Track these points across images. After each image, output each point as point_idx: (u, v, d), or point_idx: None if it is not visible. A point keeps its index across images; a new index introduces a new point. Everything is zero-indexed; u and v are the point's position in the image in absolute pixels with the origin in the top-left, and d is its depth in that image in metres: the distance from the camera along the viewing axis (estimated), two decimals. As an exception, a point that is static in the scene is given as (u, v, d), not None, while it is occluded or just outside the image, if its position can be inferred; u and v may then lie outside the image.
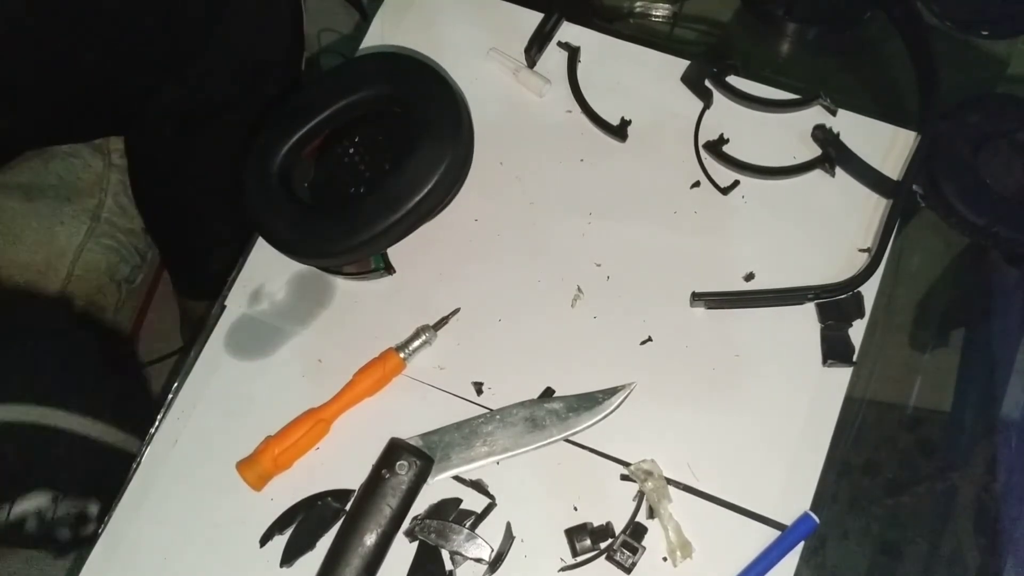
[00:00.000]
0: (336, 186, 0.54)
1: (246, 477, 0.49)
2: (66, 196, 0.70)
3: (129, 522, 0.50)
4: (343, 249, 0.51)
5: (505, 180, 0.56)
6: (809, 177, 0.56)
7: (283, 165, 0.52)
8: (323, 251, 0.51)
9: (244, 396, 0.52)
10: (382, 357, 0.51)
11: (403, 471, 0.48)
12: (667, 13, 0.63)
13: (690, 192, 0.56)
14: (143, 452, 0.52)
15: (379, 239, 0.51)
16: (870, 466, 0.52)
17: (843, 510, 0.50)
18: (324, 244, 0.51)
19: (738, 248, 0.54)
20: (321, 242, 0.51)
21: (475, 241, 0.55)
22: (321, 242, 0.51)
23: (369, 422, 0.51)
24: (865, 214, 0.55)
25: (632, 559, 0.48)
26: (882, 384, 0.52)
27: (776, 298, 0.52)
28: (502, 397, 0.51)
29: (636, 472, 0.49)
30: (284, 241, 0.52)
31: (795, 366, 0.51)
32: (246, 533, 0.49)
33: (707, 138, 0.57)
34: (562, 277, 0.54)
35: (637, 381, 0.51)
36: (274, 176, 0.52)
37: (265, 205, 0.52)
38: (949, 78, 0.56)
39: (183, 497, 0.51)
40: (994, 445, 0.52)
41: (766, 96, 0.57)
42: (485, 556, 0.48)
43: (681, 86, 0.58)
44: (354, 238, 0.50)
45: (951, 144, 0.55)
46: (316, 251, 0.52)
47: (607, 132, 0.57)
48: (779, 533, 0.48)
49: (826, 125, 0.56)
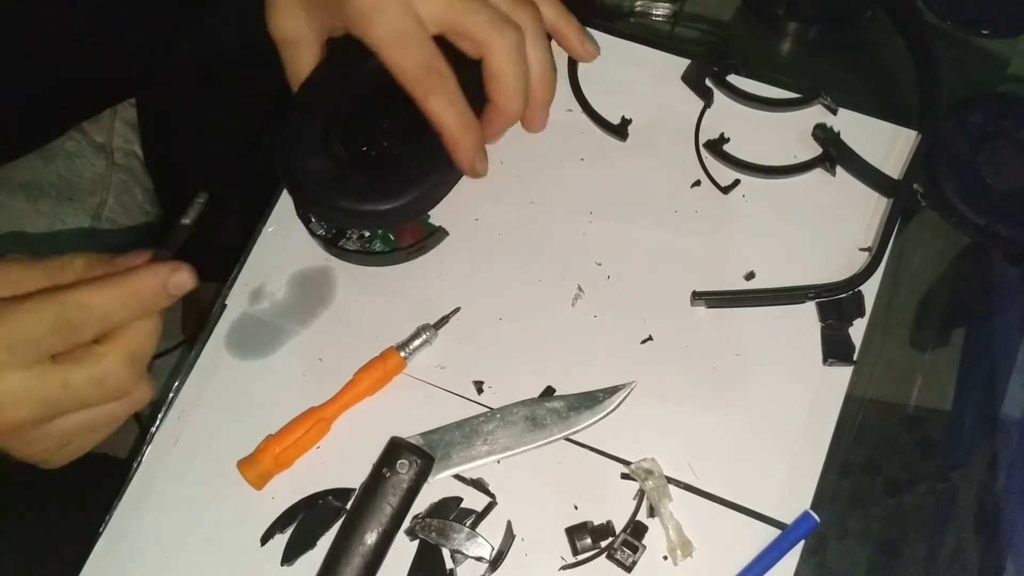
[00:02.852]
0: (376, 149, 0.53)
1: (247, 476, 0.49)
2: (67, 195, 0.70)
3: (130, 521, 0.50)
4: (415, 199, 0.50)
5: (505, 179, 0.56)
6: (810, 176, 0.56)
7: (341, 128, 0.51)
8: (402, 208, 0.51)
9: (245, 395, 0.52)
10: (383, 356, 0.51)
11: (404, 470, 0.48)
12: (668, 12, 0.63)
13: (691, 191, 0.56)
14: (143, 451, 0.52)
15: (441, 181, 0.51)
16: (870, 465, 0.52)
17: (843, 509, 0.50)
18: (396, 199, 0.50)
19: (738, 247, 0.54)
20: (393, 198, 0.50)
21: (475, 240, 0.55)
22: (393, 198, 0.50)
23: (370, 421, 0.51)
24: (866, 213, 0.55)
25: (633, 558, 0.48)
26: (882, 383, 0.52)
27: (776, 297, 0.52)
28: (503, 396, 0.51)
29: (637, 471, 0.49)
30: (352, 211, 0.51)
31: (795, 365, 0.51)
32: (247, 532, 0.49)
33: (708, 137, 0.57)
34: (563, 276, 0.54)
35: (638, 380, 0.51)
36: (329, 141, 0.51)
37: (325, 176, 0.50)
38: (950, 77, 0.56)
39: (184, 496, 0.51)
40: (995, 444, 0.52)
41: (767, 95, 0.57)
42: (486, 555, 0.48)
43: (682, 85, 0.58)
44: (421, 185, 0.50)
45: (952, 143, 0.55)
46: (391, 210, 0.51)
47: (607, 131, 0.57)
48: (779, 532, 0.48)
49: (827, 124, 0.56)
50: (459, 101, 0.49)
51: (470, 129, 0.49)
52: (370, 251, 0.54)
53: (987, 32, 0.61)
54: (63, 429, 0.42)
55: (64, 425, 0.41)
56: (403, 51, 0.48)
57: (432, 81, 0.48)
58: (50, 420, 0.41)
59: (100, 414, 0.42)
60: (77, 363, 0.40)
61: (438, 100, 0.48)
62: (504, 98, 0.50)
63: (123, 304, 0.40)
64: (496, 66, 0.49)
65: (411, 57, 0.48)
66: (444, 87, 0.48)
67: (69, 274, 0.41)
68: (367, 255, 0.54)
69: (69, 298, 0.39)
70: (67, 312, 0.39)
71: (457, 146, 0.49)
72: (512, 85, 0.50)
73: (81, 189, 0.70)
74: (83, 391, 0.40)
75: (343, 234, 0.54)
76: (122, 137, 0.74)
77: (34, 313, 0.38)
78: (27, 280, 0.41)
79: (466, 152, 0.50)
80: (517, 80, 0.50)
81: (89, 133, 0.73)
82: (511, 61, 0.49)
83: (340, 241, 0.54)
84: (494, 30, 0.48)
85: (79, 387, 0.40)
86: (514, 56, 0.49)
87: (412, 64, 0.48)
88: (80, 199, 0.70)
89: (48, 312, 0.39)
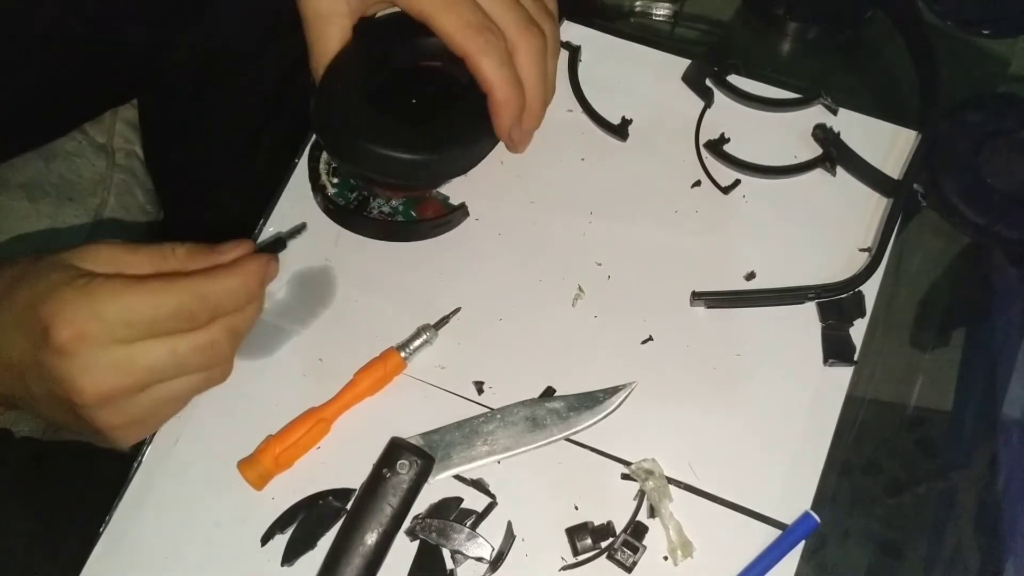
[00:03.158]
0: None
1: (247, 476, 0.49)
2: (68, 195, 0.70)
3: (130, 521, 0.50)
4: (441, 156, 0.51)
5: (506, 179, 0.56)
6: (810, 176, 0.56)
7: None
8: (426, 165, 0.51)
9: (245, 395, 0.52)
10: (383, 356, 0.51)
11: (404, 470, 0.48)
12: (668, 12, 0.63)
13: (691, 191, 0.56)
14: (144, 451, 0.52)
15: (479, 144, 0.52)
16: (871, 465, 0.52)
17: (844, 509, 0.50)
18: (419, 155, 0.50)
19: (739, 247, 0.54)
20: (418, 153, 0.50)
21: (475, 240, 0.55)
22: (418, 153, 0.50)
23: (370, 421, 0.51)
24: (866, 213, 0.55)
25: (633, 558, 0.48)
26: (883, 383, 0.52)
27: (777, 297, 0.52)
28: (503, 396, 0.51)
29: (637, 471, 0.49)
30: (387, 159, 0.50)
31: (796, 365, 0.51)
32: (247, 532, 0.49)
33: (708, 137, 0.57)
34: (563, 276, 0.54)
35: (638, 380, 0.51)
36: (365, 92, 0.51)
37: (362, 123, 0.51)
38: (950, 77, 0.56)
39: (184, 496, 0.51)
40: (995, 444, 0.52)
41: (767, 95, 0.57)
42: (486, 555, 0.48)
43: (682, 85, 0.58)
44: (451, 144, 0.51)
45: (952, 143, 0.55)
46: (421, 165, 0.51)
47: (608, 131, 0.57)
48: (780, 532, 0.48)
49: (827, 124, 0.56)
50: (509, 64, 0.49)
51: (517, 92, 0.50)
52: (394, 220, 0.54)
53: (987, 32, 0.61)
54: (155, 398, 0.45)
55: (157, 394, 0.45)
56: (456, 11, 0.48)
57: (486, 39, 0.48)
58: (150, 387, 0.44)
59: (187, 384, 0.46)
60: (185, 332, 0.44)
61: (491, 59, 0.48)
62: (526, 95, 0.51)
63: (234, 294, 0.45)
64: (522, 64, 0.50)
65: (464, 16, 0.48)
66: (497, 46, 0.49)
67: (172, 262, 0.45)
68: (390, 225, 0.54)
69: (189, 287, 0.43)
70: (187, 300, 0.43)
71: (504, 108, 0.50)
72: (536, 85, 0.51)
73: (82, 189, 0.70)
74: (188, 358, 0.44)
75: (367, 204, 0.54)
76: (123, 138, 0.74)
77: (157, 297, 0.42)
78: (131, 265, 0.44)
79: (511, 115, 0.50)
80: (539, 81, 0.51)
81: (90, 133, 0.73)
82: (536, 63, 0.50)
83: (364, 210, 0.54)
84: (525, 31, 0.50)
85: (184, 354, 0.44)
86: (538, 58, 0.50)
87: (466, 23, 0.48)
88: (81, 199, 0.70)
89: (170, 299, 0.42)
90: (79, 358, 0.41)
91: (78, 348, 0.41)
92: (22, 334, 0.42)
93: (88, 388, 0.42)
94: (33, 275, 0.43)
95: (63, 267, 0.43)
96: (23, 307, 0.42)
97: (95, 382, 0.42)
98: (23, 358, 0.43)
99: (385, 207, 0.55)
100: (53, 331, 0.41)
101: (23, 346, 0.42)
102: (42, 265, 0.44)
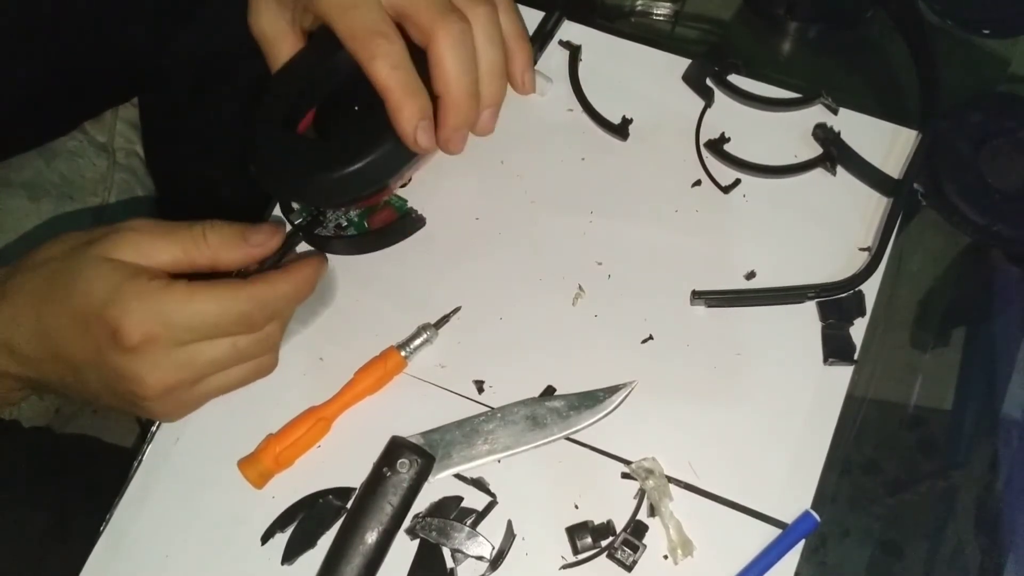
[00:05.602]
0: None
1: (247, 475, 0.49)
2: (69, 195, 0.70)
3: (130, 520, 0.50)
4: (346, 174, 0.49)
5: (506, 179, 0.56)
6: (810, 176, 0.56)
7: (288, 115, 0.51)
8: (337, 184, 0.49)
9: (245, 394, 0.52)
10: (383, 355, 0.51)
11: (404, 469, 0.48)
12: (668, 12, 0.63)
13: (691, 191, 0.56)
14: (144, 450, 0.52)
15: (393, 150, 0.49)
16: (871, 465, 0.52)
17: (844, 509, 0.50)
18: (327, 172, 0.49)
19: (739, 246, 0.54)
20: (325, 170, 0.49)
21: (476, 239, 0.55)
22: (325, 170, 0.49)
23: (370, 420, 0.51)
24: (866, 213, 0.55)
25: (633, 557, 0.48)
26: (883, 383, 0.52)
27: (777, 297, 0.52)
28: (503, 395, 0.51)
29: (637, 470, 0.49)
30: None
31: (796, 365, 0.51)
32: (247, 531, 0.50)
33: (708, 137, 0.57)
34: (563, 275, 0.54)
35: (638, 379, 0.51)
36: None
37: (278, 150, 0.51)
38: (950, 77, 0.56)
39: (184, 495, 0.51)
40: (995, 444, 0.52)
41: (767, 95, 0.57)
42: (486, 554, 0.48)
43: (682, 85, 0.58)
44: (353, 161, 0.49)
45: (952, 143, 0.55)
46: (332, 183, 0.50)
47: (608, 131, 0.57)
48: (780, 531, 0.48)
49: (827, 124, 0.56)
50: (404, 66, 0.47)
51: (414, 95, 0.48)
52: (343, 236, 0.54)
53: (987, 32, 0.61)
54: (211, 386, 0.48)
55: (214, 383, 0.47)
56: (351, 15, 0.47)
57: (377, 44, 0.47)
58: (210, 376, 0.47)
59: (241, 373, 0.48)
60: (244, 333, 0.46)
61: (382, 63, 0.47)
62: (443, 86, 0.48)
63: (292, 298, 0.48)
64: (437, 53, 0.48)
65: (358, 20, 0.47)
66: (389, 50, 0.47)
67: (204, 250, 0.46)
68: (341, 241, 0.54)
69: (253, 297, 0.45)
70: (248, 308, 0.45)
71: (399, 112, 0.48)
72: (452, 74, 0.48)
73: (83, 189, 0.70)
74: (247, 349, 0.47)
75: (318, 222, 0.53)
76: (124, 137, 0.74)
77: (221, 305, 0.44)
78: (162, 251, 0.45)
79: (408, 120, 0.48)
80: (459, 70, 0.48)
81: (91, 133, 0.73)
82: (453, 48, 0.48)
83: (316, 228, 0.53)
84: (439, 17, 0.47)
85: (242, 349, 0.46)
86: (457, 45, 0.48)
87: (359, 26, 0.47)
88: (81, 199, 0.70)
89: (234, 306, 0.45)
90: (148, 358, 0.44)
91: (147, 349, 0.43)
92: (81, 332, 0.44)
93: (154, 384, 0.45)
94: (76, 270, 0.45)
95: (109, 263, 0.44)
96: (81, 306, 0.44)
97: (160, 379, 0.45)
98: (84, 355, 0.45)
99: (342, 219, 0.54)
100: (123, 335, 0.43)
101: (83, 343, 0.44)
102: (84, 260, 0.45)
